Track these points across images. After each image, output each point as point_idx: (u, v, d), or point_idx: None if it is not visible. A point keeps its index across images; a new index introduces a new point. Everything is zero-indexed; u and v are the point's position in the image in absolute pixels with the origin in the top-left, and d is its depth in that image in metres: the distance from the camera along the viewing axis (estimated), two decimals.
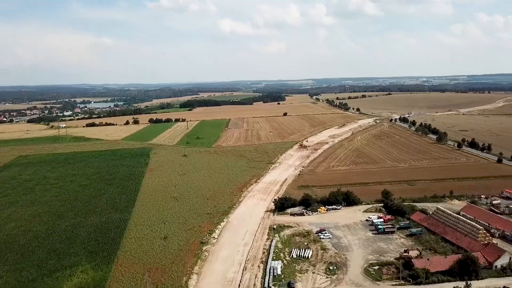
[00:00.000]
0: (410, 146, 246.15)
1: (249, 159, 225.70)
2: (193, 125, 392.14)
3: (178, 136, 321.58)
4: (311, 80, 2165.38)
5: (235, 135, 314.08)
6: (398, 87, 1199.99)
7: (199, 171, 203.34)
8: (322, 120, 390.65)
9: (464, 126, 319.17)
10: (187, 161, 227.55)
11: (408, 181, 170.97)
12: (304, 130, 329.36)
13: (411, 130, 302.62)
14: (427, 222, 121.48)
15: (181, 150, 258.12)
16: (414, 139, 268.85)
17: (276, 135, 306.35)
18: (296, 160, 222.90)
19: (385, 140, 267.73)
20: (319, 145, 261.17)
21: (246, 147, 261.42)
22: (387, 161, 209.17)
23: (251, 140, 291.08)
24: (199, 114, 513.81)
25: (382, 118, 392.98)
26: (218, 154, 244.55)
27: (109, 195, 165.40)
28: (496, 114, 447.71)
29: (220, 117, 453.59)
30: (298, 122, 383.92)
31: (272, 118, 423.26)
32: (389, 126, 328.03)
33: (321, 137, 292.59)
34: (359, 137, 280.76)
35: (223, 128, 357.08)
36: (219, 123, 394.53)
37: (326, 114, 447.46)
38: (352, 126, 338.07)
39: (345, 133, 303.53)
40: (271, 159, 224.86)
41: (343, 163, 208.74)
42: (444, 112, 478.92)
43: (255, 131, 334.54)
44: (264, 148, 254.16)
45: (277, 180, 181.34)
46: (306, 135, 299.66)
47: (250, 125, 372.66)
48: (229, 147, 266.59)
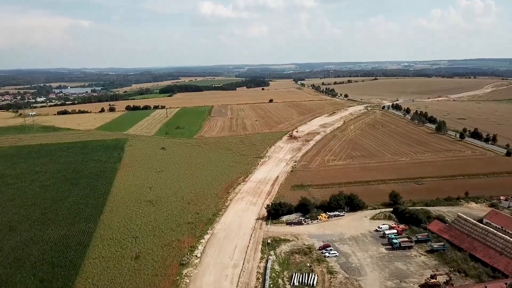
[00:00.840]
0: (408, 136, 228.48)
1: (235, 153, 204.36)
2: (173, 112, 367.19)
3: (157, 126, 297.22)
4: (293, 65, 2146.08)
5: (219, 124, 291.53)
6: (382, 71, 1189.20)
7: (179, 167, 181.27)
8: (310, 107, 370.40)
9: (460, 113, 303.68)
10: (165, 155, 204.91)
11: (414, 179, 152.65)
12: (293, 118, 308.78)
13: (406, 118, 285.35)
14: (448, 233, 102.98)
15: (160, 141, 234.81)
16: (411, 128, 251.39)
17: (263, 124, 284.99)
18: (287, 153, 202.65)
19: (380, 129, 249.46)
20: (310, 135, 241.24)
21: (231, 138, 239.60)
22: (386, 154, 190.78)
23: (236, 130, 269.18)
24: (180, 100, 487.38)
25: (373, 105, 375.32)
26: (200, 146, 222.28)
27: (73, 199, 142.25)
28: (487, 100, 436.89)
29: (202, 103, 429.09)
30: (286, 109, 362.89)
31: (257, 105, 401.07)
32: (382, 114, 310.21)
33: (311, 126, 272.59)
34: (352, 127, 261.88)
35: (205, 116, 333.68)
36: (201, 111, 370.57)
37: (313, 101, 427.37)
38: (343, 114, 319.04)
39: (336, 122, 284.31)
40: (260, 152, 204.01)
41: (338, 157, 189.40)
42: (434, 98, 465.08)
43: (240, 119, 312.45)
44: (251, 140, 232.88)
45: (267, 178, 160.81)
46: (295, 124, 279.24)
47: (234, 113, 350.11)
48: (212, 138, 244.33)
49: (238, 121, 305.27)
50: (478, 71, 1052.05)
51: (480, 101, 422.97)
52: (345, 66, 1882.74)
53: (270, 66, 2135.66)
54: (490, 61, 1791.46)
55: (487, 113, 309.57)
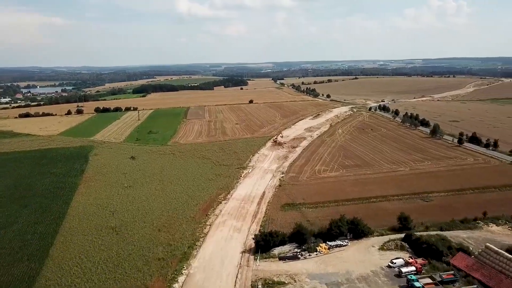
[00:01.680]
0: (402, 141, 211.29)
1: (214, 163, 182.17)
2: (146, 115, 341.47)
3: (127, 130, 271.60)
4: (271, 64, 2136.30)
5: (196, 129, 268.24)
6: (359, 70, 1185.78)
7: (150, 181, 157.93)
8: (293, 109, 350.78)
9: (451, 115, 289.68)
10: (135, 166, 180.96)
11: (419, 194, 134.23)
12: (276, 121, 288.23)
13: (396, 121, 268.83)
14: (479, 271, 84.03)
15: (129, 149, 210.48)
16: (404, 132, 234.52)
17: (244, 128, 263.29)
18: (273, 162, 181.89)
19: (371, 134, 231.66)
20: (296, 141, 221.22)
21: (209, 145, 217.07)
22: (382, 163, 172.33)
23: (215, 135, 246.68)
24: (154, 101, 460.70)
25: (358, 106, 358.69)
26: (175, 155, 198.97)
27: (19, 226, 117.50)
28: (471, 100, 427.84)
29: (178, 104, 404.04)
30: (267, 111, 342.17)
31: (237, 106, 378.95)
32: (369, 116, 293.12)
33: (296, 130, 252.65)
34: (340, 131, 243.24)
35: (181, 119, 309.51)
36: (177, 113, 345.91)
37: (295, 102, 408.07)
38: (328, 116, 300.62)
39: (322, 125, 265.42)
40: (242, 161, 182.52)
41: (330, 167, 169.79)
42: (418, 98, 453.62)
43: (219, 122, 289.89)
44: (232, 146, 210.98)
45: (252, 195, 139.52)
46: (279, 128, 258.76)
47: (212, 115, 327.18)
48: (188, 144, 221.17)
49: (216, 124, 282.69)
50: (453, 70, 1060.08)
51: (465, 101, 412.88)
52: (322, 65, 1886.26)
53: (247, 65, 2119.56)
54: (463, 60, 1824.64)
55: (478, 114, 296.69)
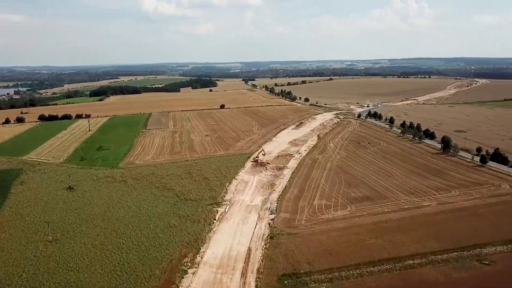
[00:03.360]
0: (411, 159, 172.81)
1: (178, 195, 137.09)
2: (99, 123, 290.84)
3: (73, 145, 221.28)
4: (239, 63, 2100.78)
5: (157, 143, 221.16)
6: (331, 71, 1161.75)
7: (86, 230, 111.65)
8: (271, 115, 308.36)
9: (453, 123, 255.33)
10: (71, 202, 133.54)
11: (469, 249, 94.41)
12: (253, 132, 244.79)
13: (394, 131, 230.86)
14: None
15: (69, 174, 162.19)
16: (408, 147, 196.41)
17: (216, 142, 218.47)
18: (256, 193, 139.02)
19: (370, 149, 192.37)
20: (282, 160, 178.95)
21: (173, 167, 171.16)
22: (397, 194, 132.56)
23: (181, 151, 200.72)
24: (112, 106, 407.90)
25: (343, 112, 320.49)
26: (127, 183, 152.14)
27: None
28: (457, 103, 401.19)
29: (139, 110, 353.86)
30: (242, 118, 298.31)
31: (206, 113, 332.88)
32: (360, 125, 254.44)
33: (279, 144, 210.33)
34: (331, 145, 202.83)
35: (139, 130, 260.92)
36: (136, 121, 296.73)
37: (272, 107, 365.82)
38: (313, 125, 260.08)
39: (309, 137, 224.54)
40: (215, 193, 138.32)
41: (333, 201, 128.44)
42: (401, 101, 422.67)
43: (186, 134, 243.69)
44: (202, 169, 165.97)
45: (233, 256, 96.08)
46: (259, 142, 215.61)
47: (178, 124, 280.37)
48: (146, 166, 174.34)
49: (183, 136, 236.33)
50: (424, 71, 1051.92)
51: (453, 105, 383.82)
52: (291, 65, 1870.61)
53: (215, 65, 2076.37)
54: (427, 60, 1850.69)
55: (481, 121, 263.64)
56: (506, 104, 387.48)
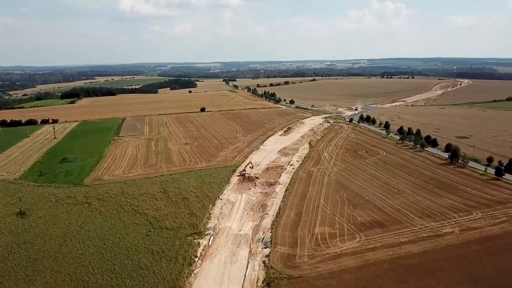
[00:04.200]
0: (417, 172, 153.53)
1: (152, 223, 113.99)
2: (67, 130, 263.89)
3: (33, 157, 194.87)
4: (219, 63, 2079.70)
5: (130, 152, 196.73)
6: (312, 71, 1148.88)
7: (33, 275, 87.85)
8: (256, 119, 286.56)
9: (452, 127, 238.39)
10: (20, 233, 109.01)
11: None
12: (237, 138, 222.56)
13: (391, 138, 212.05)
14: None
15: (23, 194, 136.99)
16: (410, 156, 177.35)
17: (197, 151, 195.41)
18: (245, 218, 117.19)
19: (369, 159, 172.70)
20: (272, 173, 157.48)
21: (146, 184, 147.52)
22: (411, 217, 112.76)
23: (156, 163, 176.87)
24: (83, 109, 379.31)
25: (332, 116, 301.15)
26: (91, 206, 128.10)
27: None
28: (446, 104, 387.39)
29: (112, 114, 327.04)
30: (225, 123, 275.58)
31: (185, 116, 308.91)
32: (353, 130, 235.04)
33: (267, 153, 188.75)
34: (326, 154, 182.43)
35: (111, 137, 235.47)
36: (108, 127, 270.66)
37: (256, 109, 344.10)
38: (302, 131, 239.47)
39: (299, 145, 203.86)
40: (196, 219, 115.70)
41: (338, 228, 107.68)
42: (390, 103, 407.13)
43: (162, 141, 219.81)
44: (180, 186, 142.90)
45: None
46: (244, 150, 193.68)
47: (154, 130, 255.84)
48: (115, 183, 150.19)
49: (159, 145, 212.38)
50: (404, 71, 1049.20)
51: (443, 106, 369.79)
52: (271, 65, 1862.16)
53: (195, 65, 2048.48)
54: (405, 60, 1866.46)
55: (481, 126, 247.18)
56: (497, 106, 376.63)
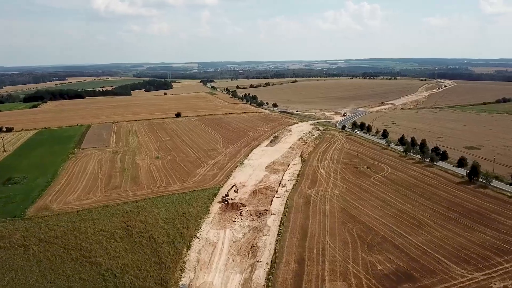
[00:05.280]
0: (436, 196, 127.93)
1: (105, 279, 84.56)
2: (21, 140, 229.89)
3: None
4: (196, 64, 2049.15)
5: (89, 170, 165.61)
6: (292, 72, 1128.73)
7: None
8: (238, 126, 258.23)
9: (455, 136, 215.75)
10: None
11: None
12: (218, 151, 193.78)
13: (393, 149, 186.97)
14: None
15: None
16: (420, 173, 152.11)
17: (170, 168, 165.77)
18: (230, 269, 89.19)
19: (374, 177, 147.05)
20: (261, 198, 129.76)
21: (105, 215, 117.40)
22: (446, 264, 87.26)
23: (120, 185, 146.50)
24: (45, 115, 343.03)
25: (321, 122, 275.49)
26: (27, 252, 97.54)
27: None
28: (436, 107, 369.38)
29: (77, 120, 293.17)
30: (203, 131, 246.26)
31: (158, 123, 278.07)
32: (347, 140, 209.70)
33: (253, 170, 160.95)
34: (322, 171, 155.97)
35: (71, 149, 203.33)
36: (69, 136, 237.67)
37: (237, 114, 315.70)
38: (291, 140, 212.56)
39: (289, 158, 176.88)
40: (166, 272, 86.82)
41: (353, 281, 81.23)
42: (379, 106, 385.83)
43: (130, 155, 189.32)
44: (147, 220, 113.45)
45: None
46: (226, 167, 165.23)
47: (122, 140, 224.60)
48: (65, 214, 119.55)
49: (125, 159, 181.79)
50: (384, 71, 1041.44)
51: (434, 110, 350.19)
52: (248, 65, 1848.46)
53: (171, 65, 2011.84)
54: (382, 60, 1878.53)
55: (486, 133, 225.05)
56: (487, 109, 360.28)
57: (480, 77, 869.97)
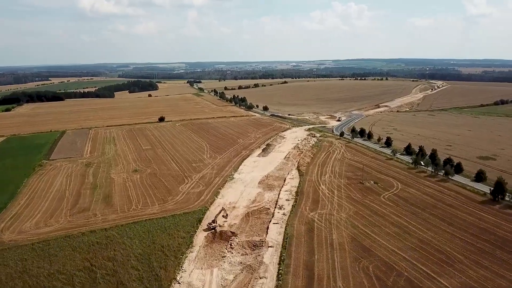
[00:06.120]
0: (459, 220, 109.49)
1: None
2: None
3: None
4: (183, 64, 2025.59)
5: (56, 187, 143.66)
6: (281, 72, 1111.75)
7: None
8: (226, 133, 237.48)
9: (464, 143, 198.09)
10: None
11: None
12: (204, 162, 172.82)
13: (399, 159, 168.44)
14: None
15: None
16: (435, 189, 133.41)
17: (148, 184, 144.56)
18: None
19: (384, 196, 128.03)
20: (254, 224, 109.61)
21: (66, 250, 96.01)
22: None
23: (89, 206, 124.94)
24: (18, 119, 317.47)
25: (316, 127, 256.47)
26: None
27: None
28: (433, 110, 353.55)
29: (51, 126, 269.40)
30: (188, 138, 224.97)
31: (140, 129, 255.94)
32: (347, 148, 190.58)
33: (245, 186, 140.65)
34: (324, 187, 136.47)
35: (39, 160, 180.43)
36: (39, 145, 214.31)
37: (226, 118, 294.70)
38: (285, 149, 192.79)
39: (285, 171, 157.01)
40: None
41: None
42: (372, 108, 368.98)
43: (105, 167, 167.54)
44: (116, 257, 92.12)
45: None
46: (213, 182, 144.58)
47: (97, 149, 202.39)
48: (17, 248, 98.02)
49: (99, 173, 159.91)
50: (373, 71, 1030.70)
51: (432, 113, 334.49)
52: (236, 65, 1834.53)
53: (158, 65, 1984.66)
54: (369, 61, 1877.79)
55: (497, 140, 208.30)
56: (486, 111, 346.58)
57: (470, 78, 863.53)
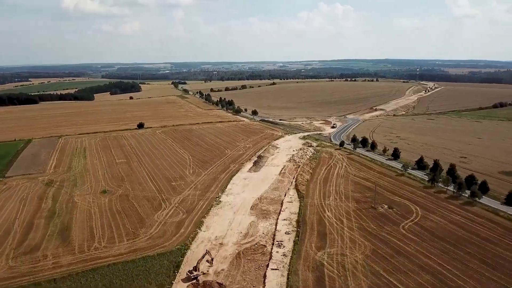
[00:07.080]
0: (501, 259, 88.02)
1: None
2: None
3: None
4: (169, 64, 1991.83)
5: (4, 216, 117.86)
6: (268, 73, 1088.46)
7: None
8: (212, 142, 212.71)
9: (479, 153, 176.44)
10: None
11: None
12: (186, 180, 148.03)
13: (412, 176, 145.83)
14: None
15: None
16: (462, 217, 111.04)
17: (118, 211, 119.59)
18: None
19: (403, 224, 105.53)
20: (247, 271, 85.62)
21: None
22: None
23: (41, 243, 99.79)
24: None
25: (311, 134, 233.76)
26: None
27: None
28: (430, 113, 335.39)
29: (15, 133, 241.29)
30: (169, 149, 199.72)
31: (115, 137, 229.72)
32: (349, 161, 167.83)
33: (233, 213, 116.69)
34: (329, 214, 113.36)
35: None
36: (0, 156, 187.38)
37: (212, 124, 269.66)
38: (279, 162, 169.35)
39: (281, 191, 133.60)
40: None
41: None
42: (367, 112, 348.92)
43: (69, 187, 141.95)
44: None
45: None
46: (196, 207, 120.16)
47: (64, 162, 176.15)
48: None
49: (60, 196, 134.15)
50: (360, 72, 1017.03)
51: (431, 117, 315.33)
52: (222, 66, 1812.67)
53: (143, 65, 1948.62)
54: (356, 61, 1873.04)
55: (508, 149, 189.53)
56: (487, 115, 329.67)
57: (458, 79, 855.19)
